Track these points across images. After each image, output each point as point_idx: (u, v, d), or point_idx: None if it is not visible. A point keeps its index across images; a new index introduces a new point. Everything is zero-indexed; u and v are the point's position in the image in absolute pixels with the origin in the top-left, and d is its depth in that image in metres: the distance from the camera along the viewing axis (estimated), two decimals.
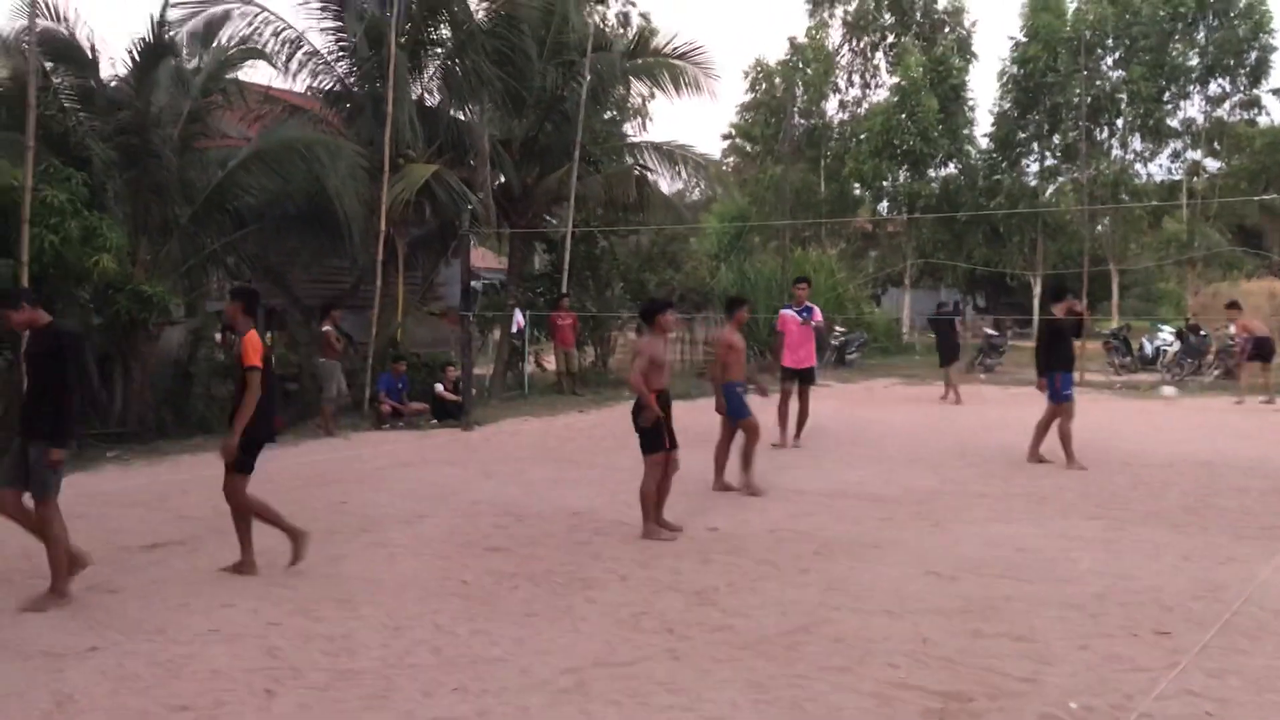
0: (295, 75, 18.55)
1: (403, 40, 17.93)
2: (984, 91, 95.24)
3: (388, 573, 6.99)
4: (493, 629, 5.79)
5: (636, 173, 22.62)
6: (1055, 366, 11.53)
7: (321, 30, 18.70)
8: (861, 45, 44.92)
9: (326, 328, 14.88)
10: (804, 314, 13.07)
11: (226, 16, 17.01)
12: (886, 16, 44.20)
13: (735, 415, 9.94)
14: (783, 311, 13.39)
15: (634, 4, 34.40)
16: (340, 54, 18.76)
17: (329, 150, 16.05)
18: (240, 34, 17.22)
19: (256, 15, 17.50)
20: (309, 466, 11.64)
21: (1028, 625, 5.85)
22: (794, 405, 13.12)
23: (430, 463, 11.97)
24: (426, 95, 20.03)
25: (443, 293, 24.11)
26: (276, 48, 17.96)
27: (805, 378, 13.11)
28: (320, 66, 18.70)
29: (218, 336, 15.80)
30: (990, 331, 28.50)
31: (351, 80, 18.83)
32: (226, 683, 4.99)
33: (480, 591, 6.56)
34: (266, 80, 18.66)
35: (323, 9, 18.52)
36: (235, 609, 6.14)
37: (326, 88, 19.00)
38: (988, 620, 5.96)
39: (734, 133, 49.45)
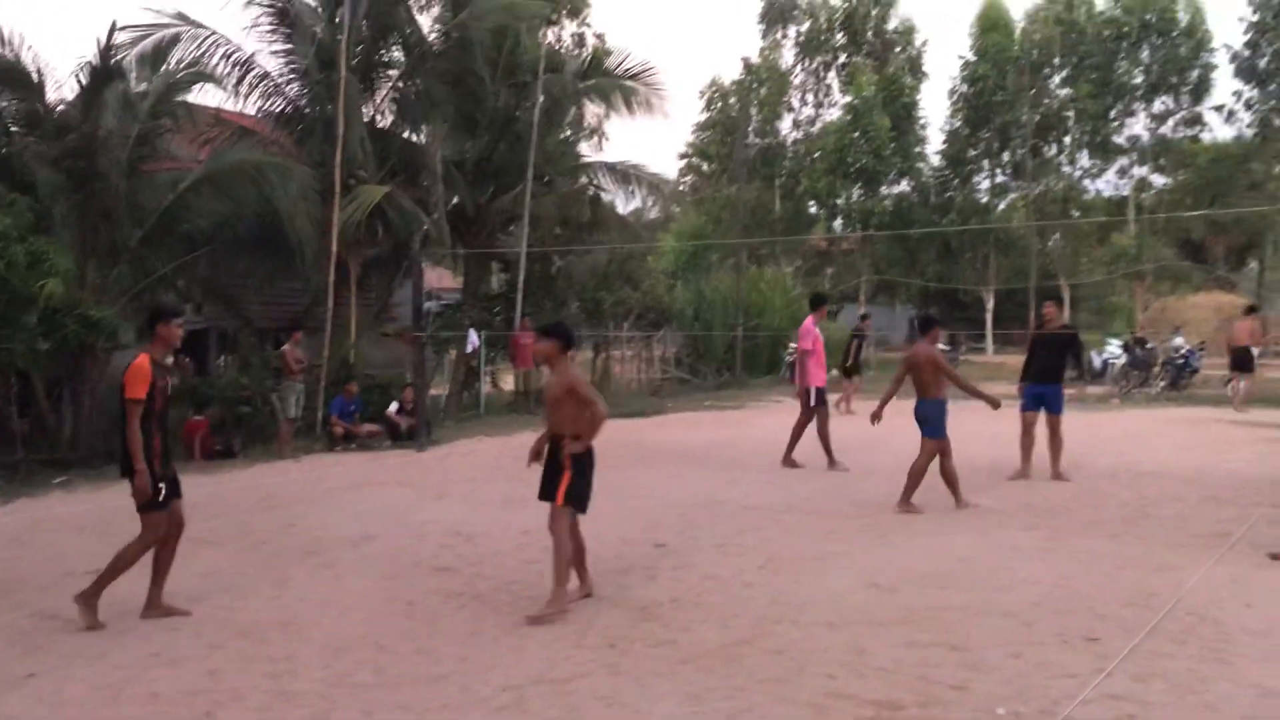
0: (245, 98, 18.50)
1: (354, 62, 17.97)
2: (935, 110, 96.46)
3: (333, 594, 7.00)
4: (436, 648, 5.83)
5: (591, 192, 22.77)
6: (1025, 378, 11.89)
7: (272, 53, 18.70)
8: (814, 65, 45.57)
9: (286, 347, 14.88)
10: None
11: (176, 39, 16.94)
12: (838, 37, 44.90)
13: (933, 434, 9.84)
14: (815, 328, 12.85)
15: (589, 25, 34.63)
16: (291, 76, 18.74)
17: (280, 172, 16.05)
18: (190, 56, 17.14)
19: (206, 38, 17.45)
20: (260, 489, 11.60)
21: (963, 634, 5.97)
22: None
23: (382, 484, 11.96)
24: (378, 116, 20.06)
25: (397, 313, 24.07)
26: (226, 70, 17.90)
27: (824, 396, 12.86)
28: (271, 89, 18.67)
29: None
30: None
31: (303, 102, 18.82)
32: (166, 705, 5.00)
33: (426, 611, 6.59)
34: (216, 103, 18.62)
35: (273, 32, 18.51)
36: (179, 633, 6.13)
37: (277, 110, 18.97)
38: (925, 630, 6.07)
39: (691, 152, 49.85)
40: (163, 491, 6.32)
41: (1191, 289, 45.78)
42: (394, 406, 16.22)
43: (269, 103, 18.82)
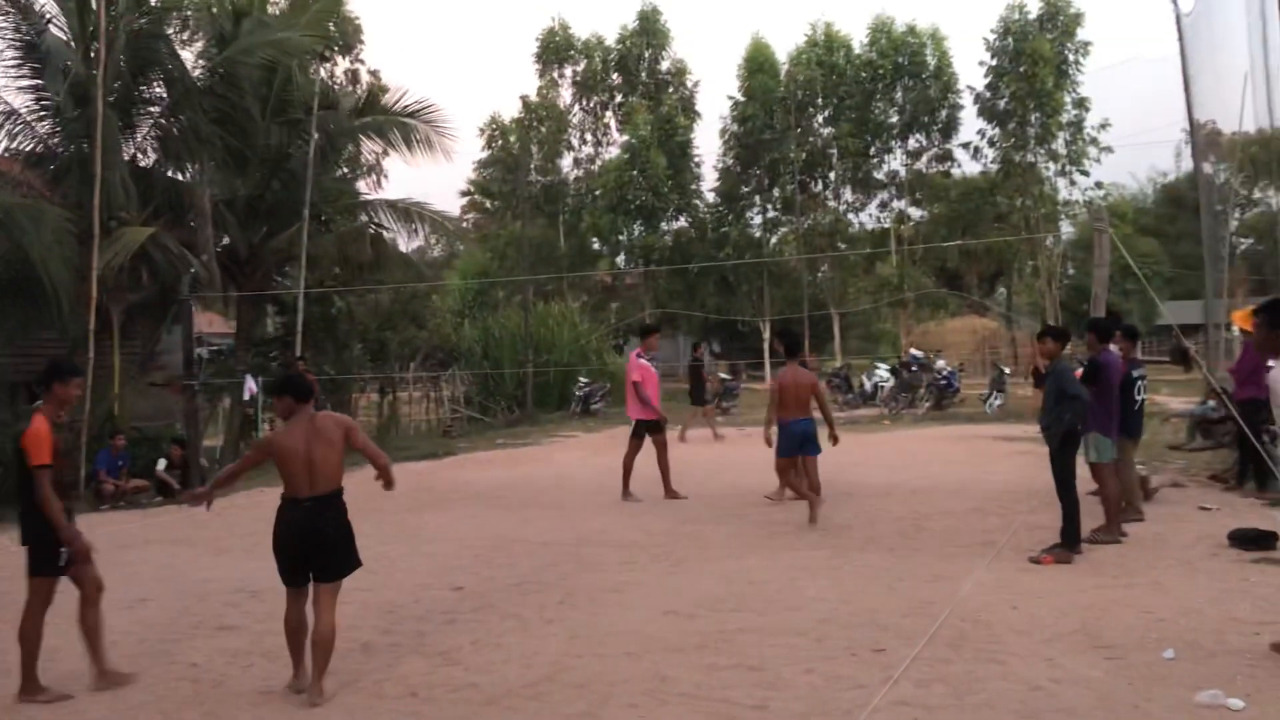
0: None
1: (112, 99, 17.01)
2: (709, 148, 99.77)
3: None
4: (224, 712, 5.55)
5: (371, 231, 22.32)
6: None
7: (19, 89, 17.50)
8: (592, 104, 46.33)
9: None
10: (654, 363, 13.02)
11: None
12: (614, 76, 45.81)
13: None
14: (640, 360, 12.90)
15: (363, 61, 34.13)
16: (42, 113, 17.59)
17: (31, 215, 15.03)
18: None
19: None
20: (15, 555, 10.69)
21: (759, 655, 6.16)
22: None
23: (155, 542, 11.27)
24: (140, 155, 19.06)
25: (165, 361, 22.81)
26: None
27: (660, 427, 12.82)
28: (19, 127, 17.46)
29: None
30: (724, 375, 29.73)
31: (55, 141, 17.69)
32: None
33: (211, 674, 6.26)
34: None
35: (19, 66, 17.32)
36: None
37: (26, 149, 17.73)
38: (722, 653, 6.22)
39: (472, 189, 49.70)
40: (64, 556, 5.98)
41: (949, 314, 48.95)
42: (162, 464, 15.35)
43: (16, 142, 17.60)
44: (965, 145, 42.11)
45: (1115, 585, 7.54)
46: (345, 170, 25.44)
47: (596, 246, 45.43)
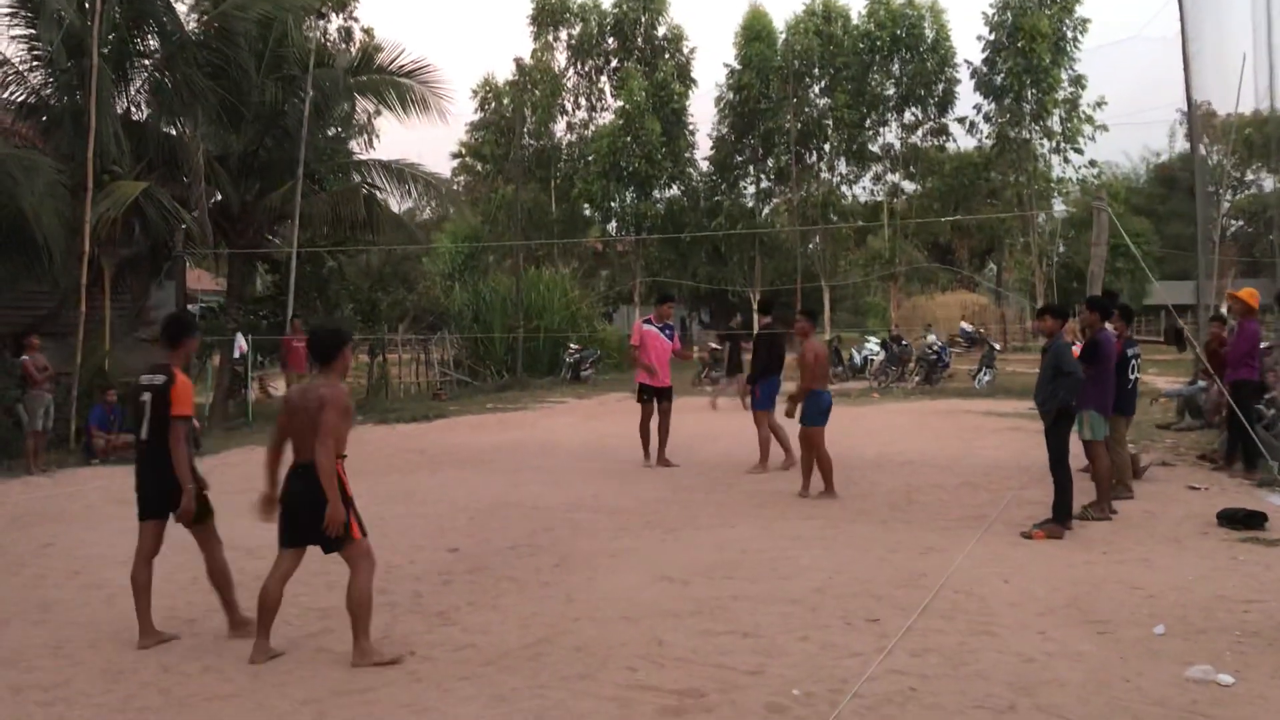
0: None
1: (106, 50, 16.82)
2: (704, 116, 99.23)
3: (106, 615, 6.57)
4: (225, 666, 5.57)
5: (365, 191, 22.17)
6: (761, 376, 12.41)
7: (12, 38, 17.25)
8: (586, 69, 45.98)
9: (24, 358, 13.73)
10: (666, 332, 12.96)
11: None
12: (609, 41, 45.44)
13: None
14: (645, 327, 12.89)
15: (356, 19, 33.75)
16: (34, 63, 17.37)
17: (23, 166, 14.86)
18: None
19: None
20: (10, 506, 10.72)
21: (753, 622, 6.21)
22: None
23: None
24: (134, 109, 18.88)
25: (155, 317, 22.66)
26: None
27: (666, 395, 12.81)
28: (10, 76, 17.25)
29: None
30: (714, 345, 29.75)
31: (48, 91, 17.48)
32: None
33: (209, 628, 6.28)
34: None
35: (12, 15, 17.07)
36: None
37: (19, 99, 17.53)
38: (717, 620, 6.28)
39: (464, 152, 49.35)
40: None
41: (939, 289, 49.08)
42: None
43: (8, 91, 17.39)
44: (961, 120, 42.07)
45: (1106, 561, 7.61)
46: (338, 129, 25.21)
47: (588, 212, 45.27)
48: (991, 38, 39.59)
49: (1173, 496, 10.23)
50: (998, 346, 26.64)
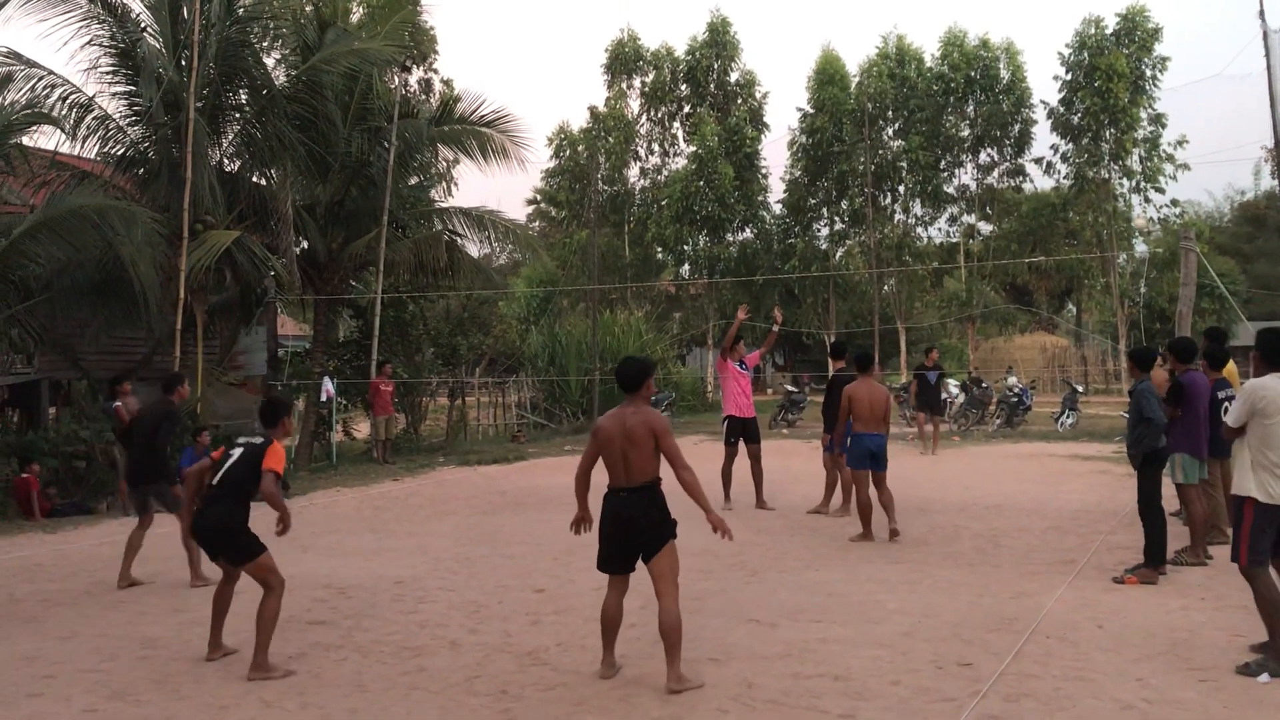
0: (84, 140, 17.76)
1: (200, 104, 17.49)
2: (776, 159, 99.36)
3: (205, 651, 6.75)
4: (324, 702, 5.70)
5: (446, 238, 22.65)
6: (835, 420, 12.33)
7: (114, 94, 18.04)
8: (659, 115, 46.41)
9: (117, 404, 14.20)
10: (741, 364, 12.99)
11: (9, 79, 16.19)
12: (682, 88, 45.88)
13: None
14: (730, 363, 12.90)
15: (436, 70, 34.63)
16: (134, 118, 18.12)
17: (123, 217, 15.48)
18: (24, 98, 16.40)
19: (41, 79, 16.75)
20: (111, 545, 11.05)
21: (844, 665, 6.18)
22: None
23: None
24: (226, 160, 19.57)
25: (242, 361, 23.36)
26: (64, 112, 17.19)
27: (754, 436, 12.88)
28: (112, 131, 18.00)
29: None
30: (790, 388, 29.66)
31: (146, 145, 18.21)
32: None
33: (308, 665, 6.43)
34: (53, 145, 17.77)
35: (114, 73, 17.87)
36: (43, 698, 5.81)
37: (119, 153, 18.28)
38: (806, 663, 6.26)
39: (539, 198, 50.06)
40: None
41: (1017, 330, 48.33)
42: None
43: (110, 145, 18.14)
44: (1038, 160, 41.55)
45: (1204, 607, 7.44)
46: (420, 178, 25.82)
47: (661, 256, 45.51)
48: (1068, 77, 39.12)
49: None
50: (1080, 388, 26.13)
